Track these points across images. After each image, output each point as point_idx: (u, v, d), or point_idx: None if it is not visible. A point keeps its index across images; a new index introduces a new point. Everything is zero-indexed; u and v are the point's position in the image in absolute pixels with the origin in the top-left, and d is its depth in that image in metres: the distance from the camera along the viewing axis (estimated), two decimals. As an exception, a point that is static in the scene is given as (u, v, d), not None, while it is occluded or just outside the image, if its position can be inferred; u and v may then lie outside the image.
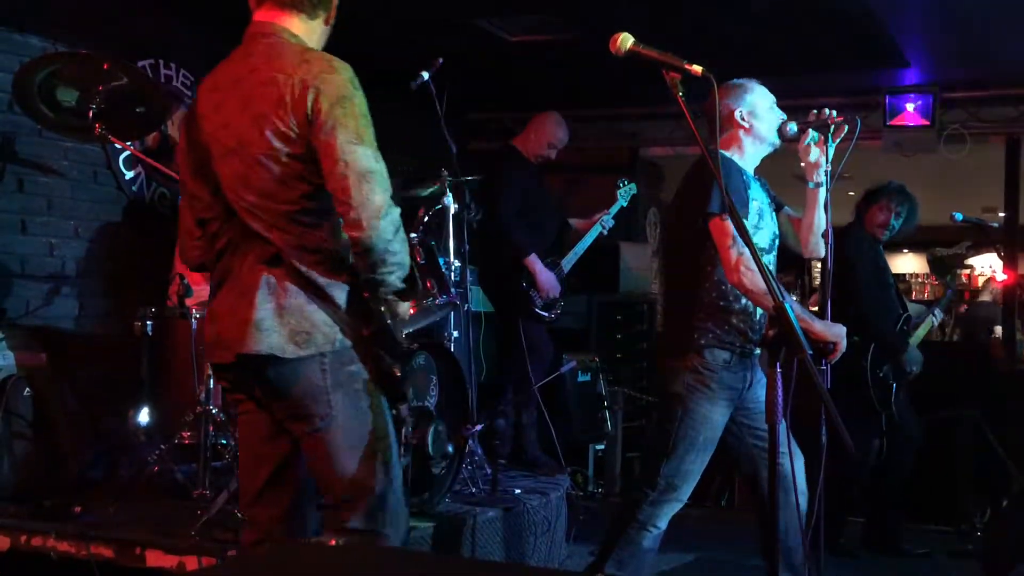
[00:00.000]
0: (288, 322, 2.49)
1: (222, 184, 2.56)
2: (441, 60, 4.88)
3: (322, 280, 2.53)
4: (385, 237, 2.45)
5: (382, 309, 2.56)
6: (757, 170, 3.57)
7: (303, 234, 2.52)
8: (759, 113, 3.47)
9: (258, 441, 2.68)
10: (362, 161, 2.43)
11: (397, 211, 2.50)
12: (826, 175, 3.40)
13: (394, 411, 2.71)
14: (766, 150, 3.53)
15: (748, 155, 3.50)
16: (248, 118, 2.49)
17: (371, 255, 2.47)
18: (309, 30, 2.65)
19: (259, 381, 2.58)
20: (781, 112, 3.52)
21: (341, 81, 2.48)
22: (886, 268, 5.31)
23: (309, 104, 2.43)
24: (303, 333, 2.50)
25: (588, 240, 5.96)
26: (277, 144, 2.46)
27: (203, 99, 2.62)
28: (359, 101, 2.49)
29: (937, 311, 5.61)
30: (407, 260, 2.56)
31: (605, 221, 5.95)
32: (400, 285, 2.57)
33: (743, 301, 3.37)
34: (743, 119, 3.45)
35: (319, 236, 2.53)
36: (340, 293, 2.55)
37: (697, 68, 2.53)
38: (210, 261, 2.67)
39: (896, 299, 5.34)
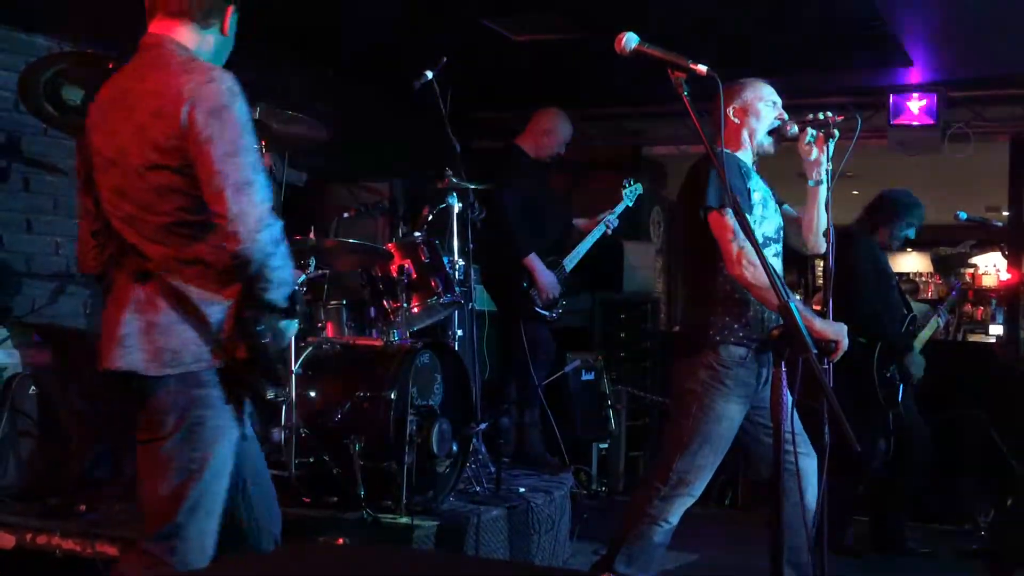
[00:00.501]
0: (155, 339, 2.47)
1: (101, 196, 2.56)
2: (445, 59, 4.89)
3: (196, 296, 2.50)
4: (264, 250, 2.41)
5: (261, 329, 2.48)
6: (759, 169, 3.59)
7: (181, 246, 2.49)
8: (753, 109, 3.51)
9: None
10: (239, 172, 2.39)
11: (279, 224, 2.45)
12: (827, 174, 3.42)
13: (266, 432, 2.67)
14: (760, 147, 3.55)
15: (745, 150, 3.53)
16: (129, 129, 2.48)
17: (249, 268, 2.42)
18: (201, 40, 2.62)
19: (125, 393, 2.59)
20: (781, 110, 3.54)
21: (218, 91, 2.43)
22: (889, 271, 5.32)
23: (184, 115, 2.40)
24: (170, 351, 2.47)
25: (591, 240, 5.95)
26: (154, 156, 2.44)
27: (93, 112, 2.62)
28: (237, 111, 2.44)
29: (943, 312, 5.60)
30: (290, 277, 2.50)
31: (609, 220, 5.94)
32: (282, 303, 2.50)
33: None
34: (734, 115, 3.50)
35: (198, 249, 2.50)
36: (216, 310, 2.52)
37: (702, 68, 2.54)
38: (102, 271, 2.65)
39: (900, 300, 5.35)
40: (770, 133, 3.54)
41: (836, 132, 3.38)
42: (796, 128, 3.48)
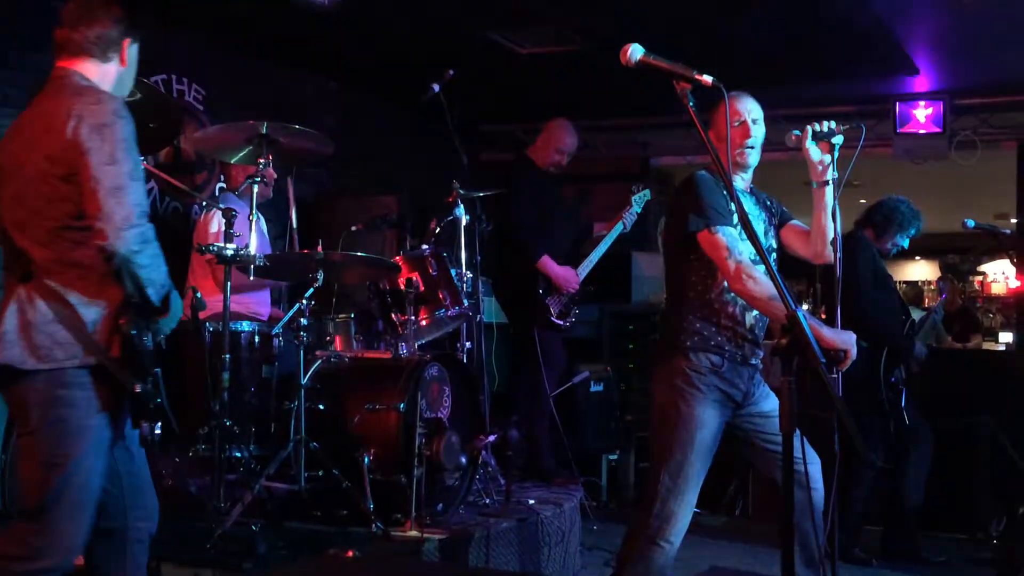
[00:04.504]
0: (31, 336, 2.69)
1: (2, 204, 2.83)
2: (451, 72, 4.90)
3: (75, 298, 2.72)
4: (130, 247, 2.64)
5: (133, 332, 2.72)
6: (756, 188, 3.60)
7: (65, 250, 2.73)
8: (720, 134, 3.36)
9: None
10: (112, 178, 2.67)
11: (149, 228, 2.69)
12: (833, 182, 3.38)
13: (138, 427, 2.82)
14: (742, 164, 3.53)
15: (736, 172, 3.51)
16: (24, 145, 2.78)
17: (114, 261, 2.65)
18: (103, 72, 2.92)
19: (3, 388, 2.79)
20: (751, 125, 3.50)
21: (103, 110, 2.72)
22: (887, 273, 5.35)
23: (70, 129, 2.68)
24: (44, 348, 2.69)
25: (609, 239, 5.93)
26: (45, 166, 2.72)
27: (6, 134, 2.91)
28: (120, 129, 2.72)
29: (939, 309, 5.64)
30: (160, 278, 2.74)
31: (627, 217, 5.95)
32: (155, 301, 2.75)
33: (729, 308, 3.38)
34: (713, 141, 3.45)
35: (81, 254, 2.72)
36: (92, 311, 2.73)
37: (707, 78, 2.55)
38: None
39: (899, 305, 5.38)
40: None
41: (840, 138, 3.35)
42: (796, 138, 3.43)
